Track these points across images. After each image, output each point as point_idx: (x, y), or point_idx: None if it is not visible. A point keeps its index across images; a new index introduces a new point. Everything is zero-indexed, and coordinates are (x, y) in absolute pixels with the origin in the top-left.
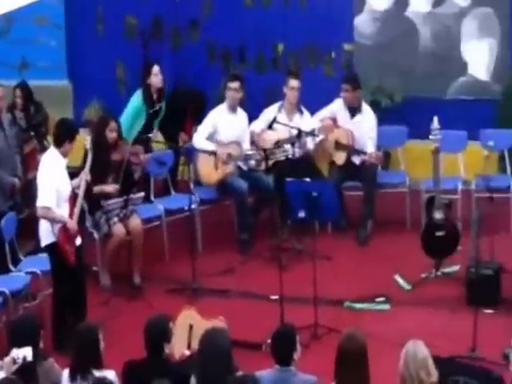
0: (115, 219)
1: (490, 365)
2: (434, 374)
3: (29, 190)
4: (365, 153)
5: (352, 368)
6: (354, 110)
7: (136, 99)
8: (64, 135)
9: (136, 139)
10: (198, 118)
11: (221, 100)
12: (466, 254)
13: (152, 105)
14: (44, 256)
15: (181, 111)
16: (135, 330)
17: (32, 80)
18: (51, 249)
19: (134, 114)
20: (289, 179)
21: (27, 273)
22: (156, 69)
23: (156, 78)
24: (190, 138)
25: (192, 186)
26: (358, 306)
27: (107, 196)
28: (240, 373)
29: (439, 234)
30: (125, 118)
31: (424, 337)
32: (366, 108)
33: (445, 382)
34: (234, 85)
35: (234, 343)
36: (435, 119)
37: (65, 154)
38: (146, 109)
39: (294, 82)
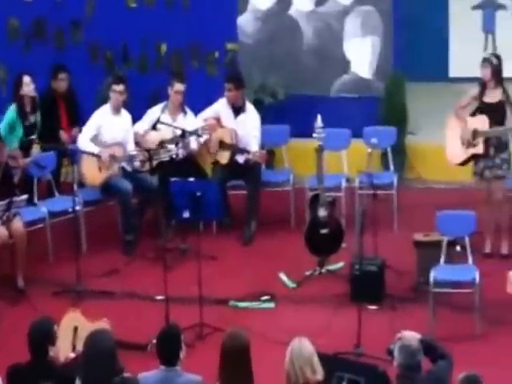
0: None
1: (374, 361)
2: (320, 371)
3: None
4: (248, 152)
5: (235, 366)
6: (237, 109)
7: (10, 113)
8: None
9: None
10: (72, 117)
11: (104, 101)
12: (350, 251)
13: (26, 116)
14: None
15: (54, 110)
16: (19, 333)
17: None
18: None
19: (8, 127)
20: (173, 179)
21: None
22: (27, 79)
23: (27, 87)
24: (70, 136)
25: (76, 187)
26: (243, 304)
27: None
28: (126, 374)
29: (323, 231)
30: (2, 127)
31: (309, 334)
32: (250, 107)
33: (330, 378)
34: (119, 88)
35: (119, 344)
36: (318, 117)
37: None
38: (20, 121)
39: (179, 86)
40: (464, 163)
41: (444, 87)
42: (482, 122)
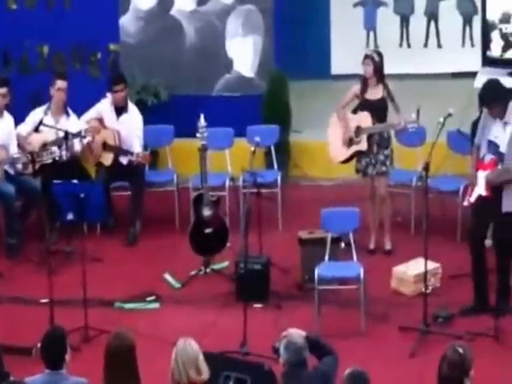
0: None
1: (260, 359)
2: (205, 371)
3: None
4: (132, 153)
5: (120, 367)
6: (120, 110)
7: None
8: None
9: None
10: None
11: None
12: (235, 250)
13: None
14: None
15: None
16: None
17: None
18: None
19: None
20: (56, 181)
21: None
22: None
23: None
24: None
25: None
26: (128, 306)
27: None
28: (11, 379)
29: (207, 231)
30: None
31: (195, 334)
32: (132, 107)
33: (217, 378)
34: (2, 90)
35: (4, 349)
36: (201, 117)
37: None
38: None
39: (61, 83)
40: (347, 161)
41: (327, 85)
42: (364, 119)
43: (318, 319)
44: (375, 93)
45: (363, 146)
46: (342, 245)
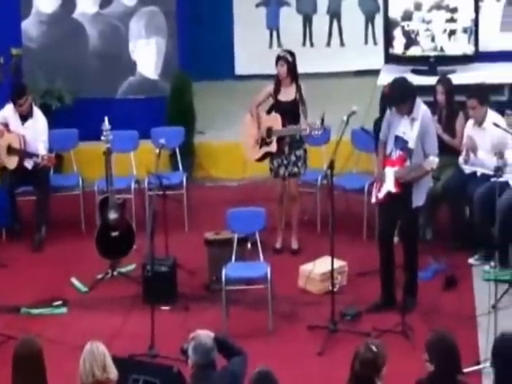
0: None
1: (169, 361)
2: (113, 371)
3: None
4: (37, 155)
5: (28, 373)
6: (25, 116)
7: None
8: None
9: None
10: None
11: None
12: (142, 253)
13: None
14: None
15: None
16: None
17: None
18: None
19: None
20: None
21: None
22: None
23: None
24: None
25: None
26: (35, 311)
27: None
28: None
29: (114, 234)
30: None
31: (103, 337)
32: (37, 112)
33: (126, 381)
34: None
35: None
36: (106, 120)
37: None
38: None
39: None
40: (259, 160)
41: (231, 85)
42: (275, 121)
43: (226, 320)
44: (288, 94)
45: (273, 147)
46: (249, 245)
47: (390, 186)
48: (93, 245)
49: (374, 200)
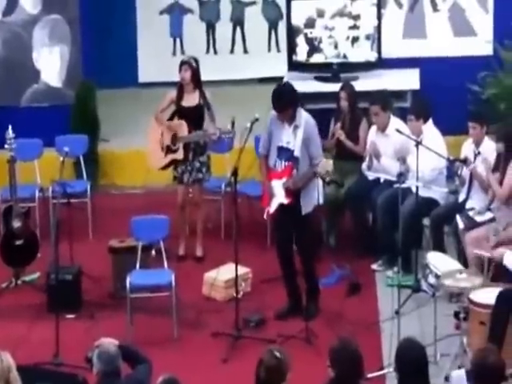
0: None
1: (74, 369)
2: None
3: None
4: None
5: None
6: None
7: None
8: None
9: None
10: None
11: None
12: (46, 261)
13: None
14: None
15: None
16: None
17: None
18: None
19: None
20: None
21: None
22: None
23: None
24: None
25: None
26: None
27: None
28: None
29: (18, 242)
30: None
31: (8, 347)
32: None
33: None
34: None
35: None
36: (9, 128)
37: None
38: None
39: None
40: (165, 168)
41: (135, 93)
42: (180, 127)
43: (131, 327)
44: (191, 99)
45: (180, 154)
46: (153, 252)
47: (280, 198)
48: None
49: (266, 216)
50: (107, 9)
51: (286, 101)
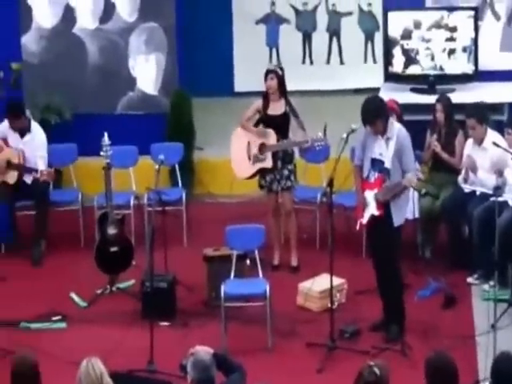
0: None
1: (168, 377)
2: None
3: None
4: (36, 170)
5: None
6: (22, 130)
7: None
8: None
9: None
10: None
11: None
12: (141, 269)
13: None
14: None
15: None
16: None
17: None
18: None
19: None
20: None
21: None
22: None
23: None
24: None
25: None
26: (34, 326)
27: None
28: None
29: (113, 249)
30: None
31: (101, 353)
32: (36, 126)
33: None
34: None
35: None
36: (105, 135)
37: None
38: None
39: None
40: (252, 177)
41: (230, 102)
42: (268, 136)
43: (225, 336)
44: (277, 108)
45: (268, 163)
46: (248, 262)
47: (372, 209)
48: (92, 260)
49: (358, 227)
50: (203, 17)
51: (373, 114)
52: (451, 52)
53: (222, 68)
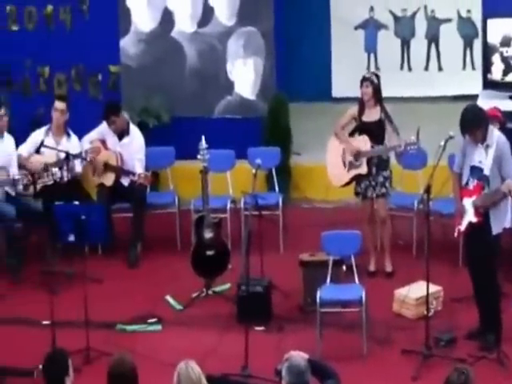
0: None
1: (262, 382)
2: None
3: None
4: (133, 173)
5: None
6: (122, 133)
7: None
8: None
9: None
10: None
11: None
12: (236, 272)
13: None
14: None
15: None
16: None
17: None
18: None
19: None
20: (57, 203)
21: None
22: None
23: None
24: None
25: None
26: (130, 328)
27: None
28: None
29: (209, 253)
30: None
31: (196, 356)
32: (134, 129)
33: None
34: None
35: (5, 371)
36: (203, 139)
37: None
38: None
39: (59, 105)
40: (347, 184)
41: (327, 107)
42: (363, 142)
43: (320, 342)
44: (373, 115)
45: (363, 169)
46: (344, 267)
47: (470, 216)
48: (188, 263)
49: (456, 234)
50: (302, 22)
51: (472, 124)
52: None
53: (320, 73)
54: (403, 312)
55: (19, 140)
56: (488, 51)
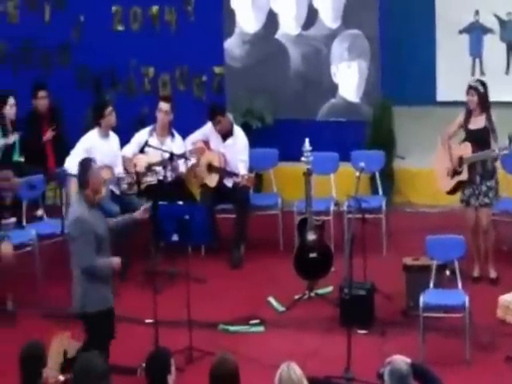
0: None
1: None
2: None
3: None
4: (237, 175)
5: None
6: (226, 133)
7: None
8: None
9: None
10: (56, 136)
11: (90, 125)
12: (339, 275)
13: (7, 136)
14: None
15: (36, 128)
16: (9, 356)
17: None
18: None
19: None
20: (161, 203)
21: None
22: (11, 101)
23: (11, 109)
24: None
25: (64, 210)
26: (233, 328)
27: None
28: None
29: (312, 255)
30: None
31: (298, 358)
32: (238, 130)
33: None
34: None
35: (110, 368)
36: (307, 141)
37: None
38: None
39: (164, 106)
40: (453, 191)
41: (432, 111)
42: (465, 149)
43: (423, 346)
44: (478, 122)
45: (464, 175)
46: (447, 272)
47: None
48: (291, 265)
49: None
50: (406, 26)
51: None
52: None
53: (425, 77)
54: (508, 319)
55: (123, 139)
56: None
